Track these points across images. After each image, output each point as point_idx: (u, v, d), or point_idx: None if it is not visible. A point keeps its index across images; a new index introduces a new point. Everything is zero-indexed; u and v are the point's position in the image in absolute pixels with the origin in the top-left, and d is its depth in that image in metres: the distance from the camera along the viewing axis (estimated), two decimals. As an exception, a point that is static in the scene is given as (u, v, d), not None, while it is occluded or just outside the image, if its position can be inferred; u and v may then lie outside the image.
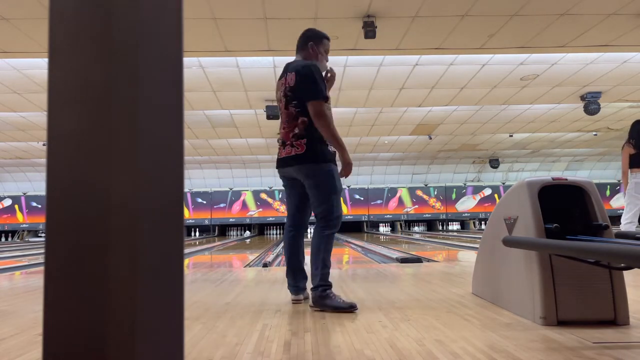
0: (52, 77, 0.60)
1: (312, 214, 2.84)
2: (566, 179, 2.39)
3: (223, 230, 19.07)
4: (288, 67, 2.79)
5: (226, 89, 8.41)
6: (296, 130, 2.66)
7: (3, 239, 18.34)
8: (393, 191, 19.05)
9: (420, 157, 17.16)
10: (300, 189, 2.78)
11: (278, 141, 2.81)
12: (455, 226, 19.77)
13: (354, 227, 18.63)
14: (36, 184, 18.08)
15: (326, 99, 2.65)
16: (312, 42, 2.82)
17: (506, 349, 1.78)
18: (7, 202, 18.22)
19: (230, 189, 18.71)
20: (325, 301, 2.56)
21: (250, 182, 18.84)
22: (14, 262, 7.72)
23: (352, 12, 5.40)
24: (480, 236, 3.11)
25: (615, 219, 20.35)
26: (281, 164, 2.76)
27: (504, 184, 19.23)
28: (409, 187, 19.11)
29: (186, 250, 9.56)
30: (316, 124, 2.61)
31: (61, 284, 0.58)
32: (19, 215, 18.20)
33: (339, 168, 2.75)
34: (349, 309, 2.52)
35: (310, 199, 2.74)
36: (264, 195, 18.69)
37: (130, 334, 0.57)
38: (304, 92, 2.63)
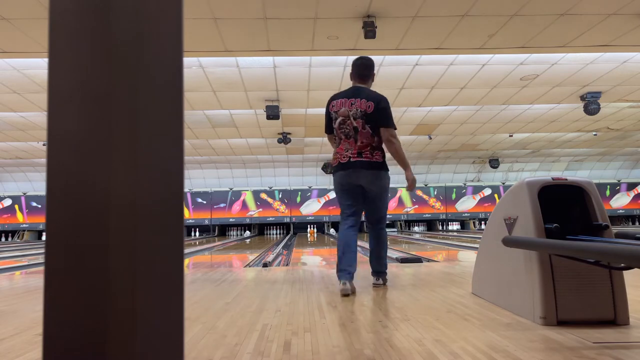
0: (52, 77, 0.60)
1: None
2: (566, 179, 2.39)
3: (223, 230, 19.07)
4: (360, 92, 3.34)
5: (226, 89, 8.41)
6: (374, 144, 3.30)
7: (3, 239, 18.34)
8: (393, 191, 19.05)
9: (420, 157, 17.16)
10: (358, 190, 3.36)
11: (340, 155, 3.36)
12: (455, 226, 19.77)
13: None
14: (36, 184, 18.08)
15: (395, 128, 3.36)
16: (374, 72, 3.53)
17: (506, 349, 1.78)
18: (7, 202, 18.22)
19: (230, 189, 18.71)
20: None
21: (250, 182, 18.84)
22: (14, 262, 7.72)
23: (352, 12, 5.40)
24: (480, 236, 3.11)
25: (615, 219, 20.14)
26: (356, 165, 3.27)
27: (504, 184, 19.22)
28: (409, 187, 19.09)
29: (186, 250, 9.56)
30: (388, 146, 3.33)
31: (61, 284, 0.58)
32: (19, 215, 18.20)
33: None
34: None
35: (369, 202, 3.40)
36: (264, 195, 18.68)
37: (130, 334, 0.57)
38: (381, 120, 3.28)
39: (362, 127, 3.29)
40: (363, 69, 3.45)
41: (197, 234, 18.92)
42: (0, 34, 5.66)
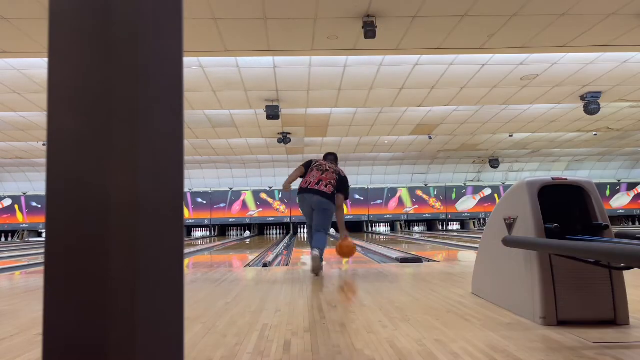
0: (52, 77, 0.60)
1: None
2: (566, 179, 2.39)
3: (223, 230, 19.07)
4: (336, 163, 5.02)
5: (226, 89, 8.41)
6: (331, 183, 4.68)
7: (3, 239, 18.34)
8: (393, 191, 19.05)
9: (420, 157, 17.16)
10: (311, 209, 4.66)
11: (306, 182, 4.70)
12: (455, 226, 19.78)
13: (354, 227, 18.64)
14: (36, 184, 18.08)
15: (347, 197, 4.91)
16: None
17: (506, 349, 1.78)
18: (7, 202, 18.22)
19: (230, 189, 18.71)
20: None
21: (250, 182, 18.84)
22: (14, 262, 7.72)
23: (352, 12, 5.40)
24: (480, 236, 3.11)
25: (615, 219, 20.13)
26: (312, 191, 4.60)
27: (504, 184, 19.22)
28: (409, 187, 19.12)
29: (186, 250, 9.56)
30: (338, 208, 4.73)
31: (61, 284, 0.58)
32: (19, 215, 18.20)
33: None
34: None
35: (318, 218, 4.60)
36: (264, 195, 18.69)
37: (130, 334, 0.57)
38: (342, 186, 4.74)
39: (331, 172, 4.72)
40: (335, 159, 5.07)
41: (197, 234, 18.91)
42: (0, 34, 5.67)
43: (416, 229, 19.66)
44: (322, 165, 4.84)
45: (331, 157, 5.13)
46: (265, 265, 5.82)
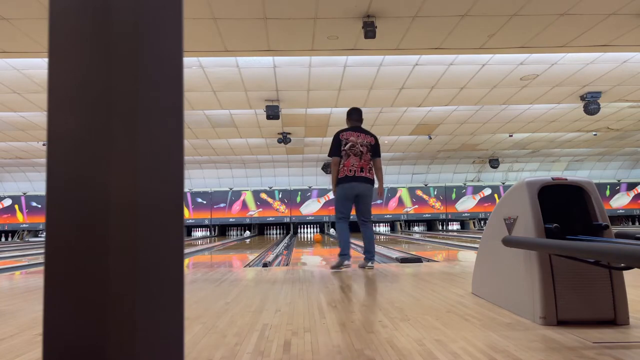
0: (52, 77, 0.60)
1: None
2: (566, 179, 2.39)
3: (223, 230, 19.07)
4: (362, 130, 4.88)
5: (226, 89, 8.41)
6: (370, 165, 4.84)
7: (3, 239, 18.34)
8: (393, 191, 19.05)
9: (420, 157, 17.17)
10: (354, 198, 4.81)
11: (350, 170, 4.74)
12: (455, 226, 19.77)
13: (354, 227, 18.61)
14: (36, 184, 18.08)
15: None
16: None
17: (506, 349, 1.78)
18: (7, 202, 18.22)
19: (230, 189, 18.71)
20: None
21: (250, 182, 18.84)
22: (14, 262, 7.72)
23: (352, 12, 5.40)
24: (480, 236, 3.11)
25: (615, 219, 20.10)
26: (358, 179, 4.72)
27: (503, 184, 19.22)
28: (408, 187, 19.11)
29: (186, 250, 9.57)
30: (377, 170, 4.90)
31: (61, 284, 0.58)
32: (19, 215, 18.20)
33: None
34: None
35: (363, 205, 4.87)
36: (264, 195, 18.68)
37: (130, 334, 0.57)
38: (377, 152, 4.89)
39: (366, 153, 4.77)
40: (360, 115, 4.98)
41: (197, 234, 18.91)
42: (0, 34, 5.67)
43: (416, 229, 19.66)
44: (354, 146, 4.73)
45: (356, 116, 4.94)
46: (265, 265, 5.82)
